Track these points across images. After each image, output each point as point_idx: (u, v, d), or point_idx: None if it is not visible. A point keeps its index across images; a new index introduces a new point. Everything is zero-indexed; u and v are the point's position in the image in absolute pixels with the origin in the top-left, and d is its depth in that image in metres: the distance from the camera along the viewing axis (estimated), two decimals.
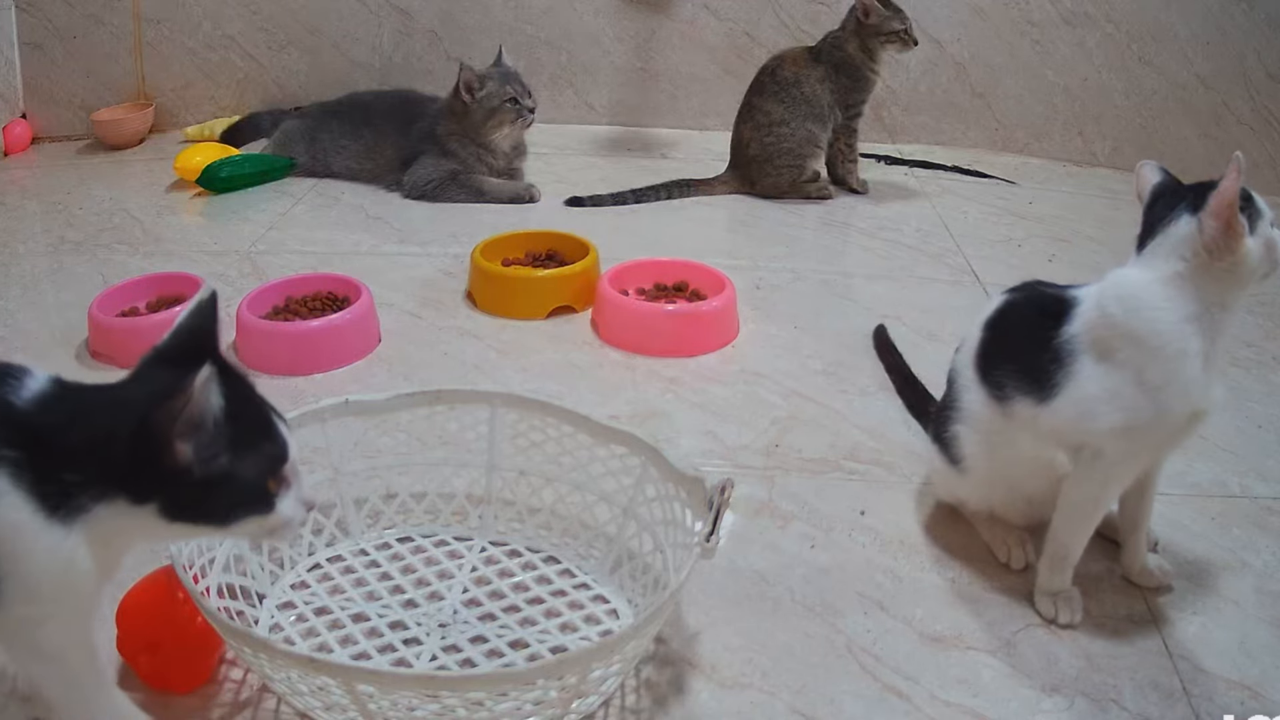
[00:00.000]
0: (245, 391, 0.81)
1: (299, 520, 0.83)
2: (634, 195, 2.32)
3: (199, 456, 0.75)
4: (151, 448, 0.74)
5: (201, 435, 0.74)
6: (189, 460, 0.74)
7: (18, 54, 2.73)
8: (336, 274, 1.77)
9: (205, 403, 0.73)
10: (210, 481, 0.76)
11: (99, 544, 0.77)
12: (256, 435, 0.80)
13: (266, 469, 0.80)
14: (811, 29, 2.62)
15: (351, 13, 2.78)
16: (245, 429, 0.78)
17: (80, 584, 0.79)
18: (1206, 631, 1.09)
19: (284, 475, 0.82)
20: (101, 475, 0.75)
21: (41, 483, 0.74)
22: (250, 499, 0.80)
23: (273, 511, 0.81)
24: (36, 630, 0.79)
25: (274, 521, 0.81)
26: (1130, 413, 1.00)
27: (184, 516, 0.78)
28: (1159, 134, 2.62)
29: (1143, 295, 1.00)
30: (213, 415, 0.74)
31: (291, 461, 0.82)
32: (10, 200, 2.38)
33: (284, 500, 0.81)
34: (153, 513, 0.76)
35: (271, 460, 0.81)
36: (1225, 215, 0.96)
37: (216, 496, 0.78)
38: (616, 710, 0.98)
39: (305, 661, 0.86)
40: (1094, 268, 1.10)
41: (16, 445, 0.74)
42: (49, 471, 0.74)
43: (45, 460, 0.75)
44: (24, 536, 0.74)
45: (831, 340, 1.71)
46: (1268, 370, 1.65)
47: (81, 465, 0.75)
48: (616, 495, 1.17)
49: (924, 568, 1.19)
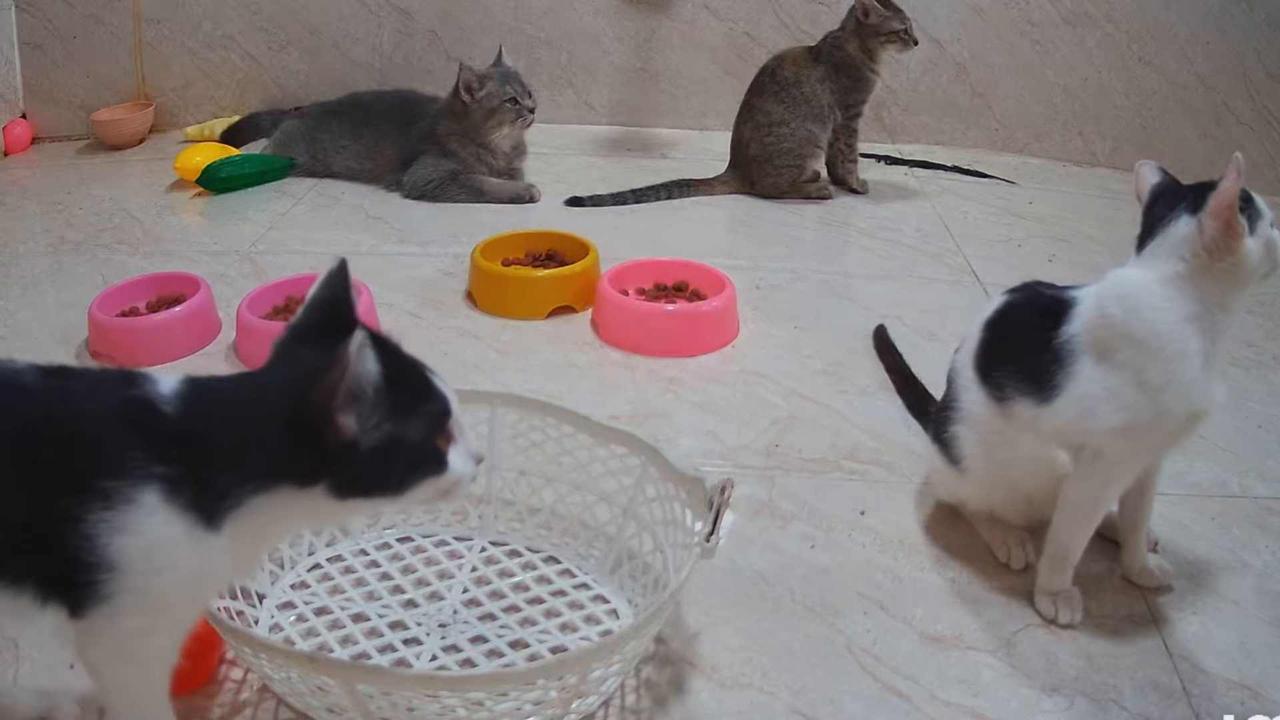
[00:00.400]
0: (396, 353, 0.78)
1: (471, 475, 0.81)
2: (634, 195, 2.32)
3: (363, 427, 0.72)
4: (313, 427, 0.71)
5: (363, 405, 0.72)
6: (354, 433, 0.72)
7: (18, 54, 2.73)
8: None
9: (363, 371, 0.71)
10: (379, 451, 0.73)
11: (249, 540, 0.75)
12: (417, 395, 0.77)
13: (433, 428, 0.77)
14: (811, 29, 2.62)
15: (351, 13, 2.78)
16: (404, 391, 0.75)
17: (210, 591, 0.77)
18: (1206, 631, 1.09)
19: (449, 431, 0.79)
20: (259, 468, 0.73)
21: (194, 492, 0.72)
22: (422, 461, 0.77)
23: (446, 470, 0.78)
24: (142, 640, 0.76)
25: (448, 481, 0.79)
26: (1130, 413, 1.00)
27: (356, 492, 0.75)
28: (1159, 134, 2.62)
29: (1142, 296, 1.00)
30: (371, 382, 0.72)
31: (455, 416, 0.80)
32: (10, 200, 2.38)
33: (454, 456, 0.79)
34: (322, 494, 0.74)
35: (436, 418, 0.78)
36: (1225, 216, 0.96)
37: (388, 465, 0.75)
38: (616, 710, 0.98)
39: (305, 661, 0.86)
40: (1094, 268, 1.10)
41: (169, 459, 0.72)
42: (201, 479, 0.72)
43: (197, 467, 0.72)
44: (171, 552, 0.72)
45: (831, 340, 1.71)
46: (1268, 370, 1.65)
47: (236, 463, 0.73)
48: (616, 495, 1.17)
49: (924, 568, 1.19)
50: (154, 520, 0.71)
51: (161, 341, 1.61)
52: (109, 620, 0.73)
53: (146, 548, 0.71)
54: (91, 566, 0.70)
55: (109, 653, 0.76)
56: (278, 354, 0.78)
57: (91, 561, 0.70)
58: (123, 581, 0.71)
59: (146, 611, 0.73)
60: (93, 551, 0.70)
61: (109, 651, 0.76)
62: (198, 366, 1.60)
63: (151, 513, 0.71)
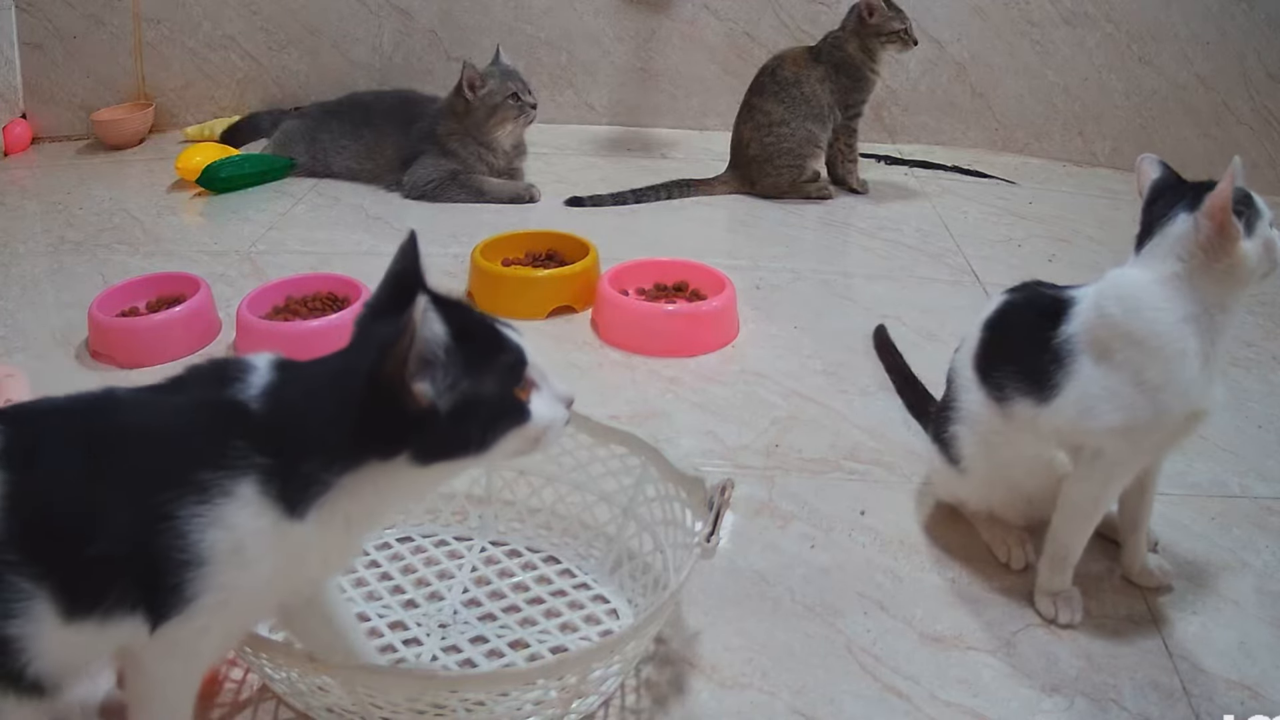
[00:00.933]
0: (463, 311, 0.77)
1: (561, 419, 0.81)
2: (634, 195, 2.32)
3: (439, 390, 0.72)
4: (390, 399, 0.71)
5: (435, 369, 0.72)
6: (430, 398, 0.72)
7: (18, 54, 2.73)
8: (336, 274, 1.77)
9: (430, 334, 0.71)
10: (458, 411, 0.73)
11: (336, 528, 0.75)
12: (489, 349, 0.77)
13: (509, 378, 0.77)
14: (811, 29, 2.62)
15: (351, 13, 2.78)
16: (476, 347, 0.75)
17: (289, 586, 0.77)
18: (1206, 631, 1.09)
19: (529, 380, 0.79)
20: (343, 448, 0.73)
21: (282, 482, 0.72)
22: (503, 414, 0.77)
23: (530, 419, 0.77)
24: (201, 639, 0.76)
25: (534, 429, 0.78)
26: (1129, 412, 1.00)
27: (441, 455, 0.75)
28: (1159, 134, 2.61)
29: (1141, 295, 1.00)
30: (441, 344, 0.72)
31: (533, 363, 0.79)
32: (10, 200, 2.38)
33: (538, 404, 0.78)
34: (406, 464, 0.74)
35: (511, 368, 0.77)
36: (1219, 217, 0.96)
37: (469, 424, 0.74)
38: (616, 710, 0.98)
39: (305, 661, 0.86)
40: (1094, 268, 1.10)
41: (265, 450, 0.72)
42: (289, 467, 0.73)
43: (287, 456, 0.73)
44: (258, 543, 0.72)
45: (831, 340, 1.71)
46: (1268, 370, 1.65)
47: (321, 447, 0.73)
48: (616, 495, 1.17)
49: (924, 568, 1.19)
50: (247, 512, 0.72)
51: (161, 341, 1.61)
52: (186, 623, 0.73)
53: (238, 540, 0.72)
54: (183, 566, 0.71)
55: (163, 650, 0.76)
56: (357, 333, 0.79)
57: (183, 560, 0.71)
58: (210, 579, 0.72)
59: (220, 609, 0.74)
60: (186, 549, 0.71)
61: (163, 649, 0.76)
62: None
63: (246, 504, 0.71)
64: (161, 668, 0.77)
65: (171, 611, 0.72)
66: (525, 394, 0.78)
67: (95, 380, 1.56)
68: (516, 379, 0.78)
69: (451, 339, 0.72)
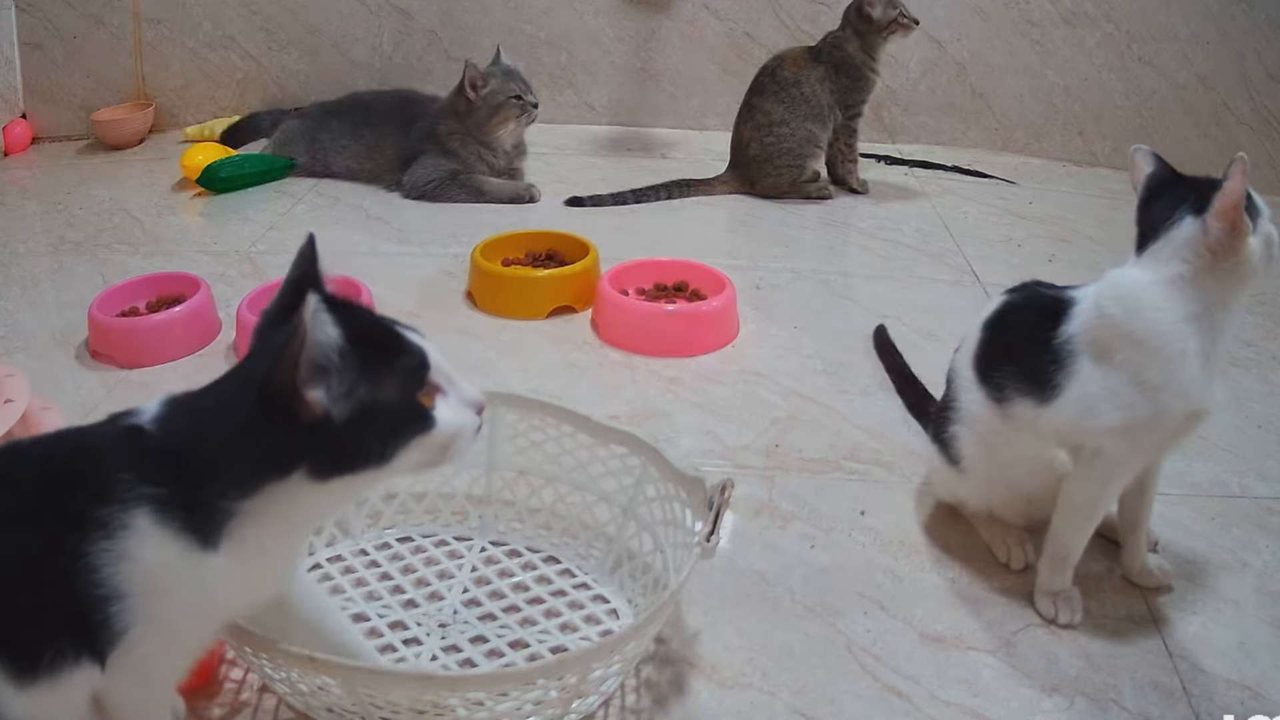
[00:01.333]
0: (360, 314, 0.74)
1: (470, 425, 0.76)
2: (634, 195, 2.32)
3: (333, 398, 0.68)
4: (282, 410, 0.67)
5: (329, 375, 0.68)
6: (325, 406, 0.68)
7: (18, 54, 2.73)
8: (336, 274, 1.76)
9: (322, 337, 0.67)
10: (356, 421, 0.69)
11: (253, 553, 0.72)
12: (387, 352, 0.72)
13: (411, 383, 0.73)
14: (811, 29, 2.62)
15: (351, 13, 2.78)
16: (373, 351, 0.71)
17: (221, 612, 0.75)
18: (1206, 631, 1.09)
19: (434, 384, 0.74)
20: (242, 469, 0.70)
21: (186, 510, 0.70)
22: (405, 422, 0.72)
23: (435, 427, 0.73)
24: (157, 662, 0.75)
25: (440, 437, 0.74)
26: (1129, 412, 1.00)
27: (340, 468, 0.71)
28: (1159, 134, 2.61)
29: (1142, 296, 1.00)
30: (334, 348, 0.68)
31: (437, 367, 0.75)
32: (10, 200, 2.38)
33: (444, 410, 0.74)
34: (305, 481, 0.70)
35: (412, 372, 0.73)
36: (1231, 216, 0.96)
37: (368, 433, 0.70)
38: (616, 710, 0.98)
39: (305, 661, 0.86)
40: (1094, 268, 1.10)
41: (154, 480, 0.70)
42: (189, 497, 0.70)
43: (184, 484, 0.70)
44: (170, 574, 0.70)
45: (831, 340, 1.71)
46: (1268, 370, 1.65)
47: (219, 471, 0.70)
48: (616, 495, 1.17)
49: (924, 568, 1.19)
50: (148, 545, 0.69)
51: (161, 341, 1.61)
52: (128, 653, 0.72)
53: (148, 572, 0.70)
54: (104, 601, 0.70)
55: (119, 683, 0.75)
56: (254, 345, 0.75)
57: (103, 595, 0.69)
58: (134, 610, 0.71)
59: (160, 636, 0.73)
60: (101, 584, 0.69)
61: (120, 682, 0.75)
62: (197, 366, 1.60)
63: (145, 537, 0.69)
64: (125, 696, 0.77)
65: (108, 646, 0.71)
66: (430, 400, 0.74)
67: (95, 380, 1.56)
68: (419, 383, 0.74)
69: (346, 342, 0.68)
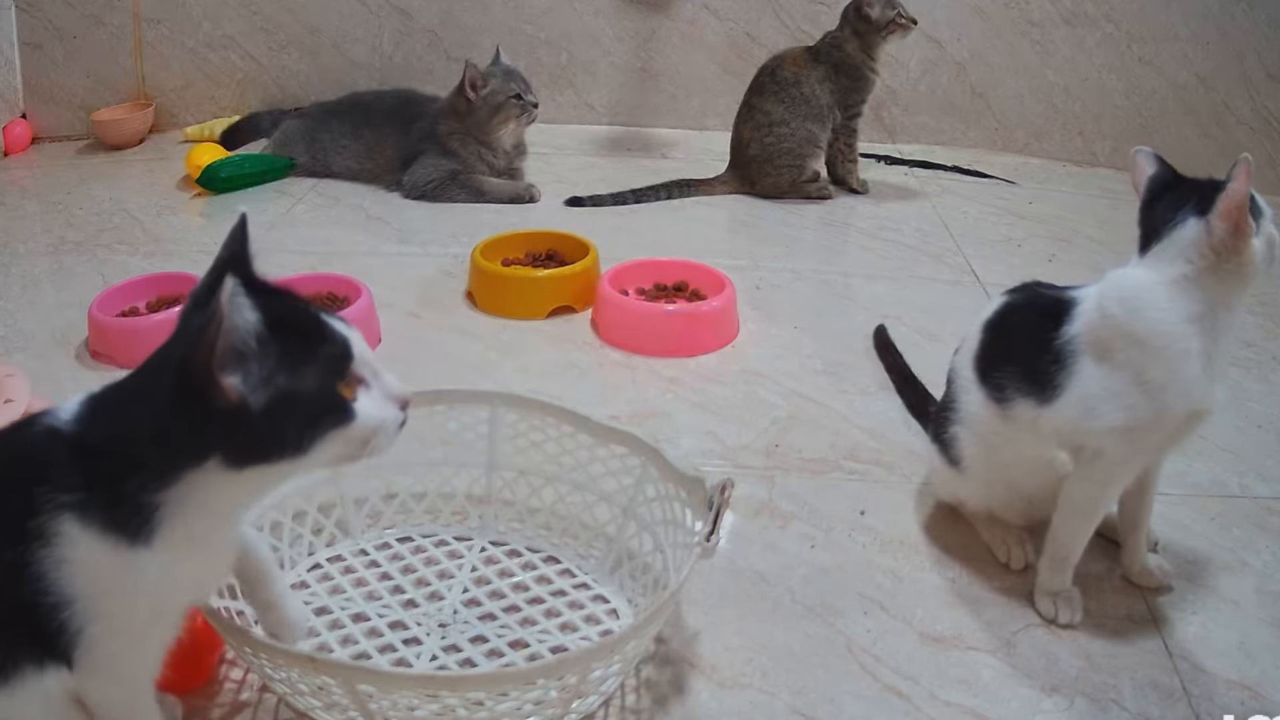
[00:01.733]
0: (283, 299, 0.72)
1: (393, 420, 0.74)
2: (634, 195, 2.32)
3: (251, 384, 0.66)
4: (198, 395, 0.66)
5: (247, 361, 0.66)
6: (241, 392, 0.66)
7: (18, 54, 2.73)
8: (336, 274, 1.77)
9: (240, 322, 0.65)
10: (273, 409, 0.67)
11: (186, 545, 0.72)
12: (309, 340, 0.71)
13: (332, 373, 0.71)
14: (811, 29, 2.62)
15: (351, 13, 2.78)
16: (294, 338, 0.69)
17: (173, 605, 0.75)
18: (1206, 631, 1.09)
19: (356, 376, 0.73)
20: (162, 459, 0.69)
21: (109, 509, 0.69)
22: (323, 412, 0.70)
23: (355, 419, 0.71)
24: (124, 660, 0.75)
25: (360, 430, 0.72)
26: (1131, 412, 1.00)
27: (254, 457, 0.69)
28: (1159, 134, 2.61)
29: (1145, 296, 1.00)
30: (252, 333, 0.66)
31: (360, 358, 0.73)
32: (10, 200, 2.38)
33: (366, 403, 0.72)
34: (221, 470, 0.69)
35: (333, 362, 0.71)
36: (1235, 217, 0.96)
37: (285, 423, 0.68)
38: (616, 710, 0.98)
39: (305, 661, 0.86)
40: (1094, 268, 1.10)
41: (74, 486, 0.69)
42: (112, 492, 0.69)
43: (106, 481, 0.69)
44: (108, 574, 0.70)
45: (831, 340, 1.71)
46: (1268, 370, 1.65)
47: (138, 463, 0.69)
48: (616, 495, 1.17)
49: (924, 568, 1.19)
50: (81, 548, 0.69)
51: (161, 341, 1.61)
52: (90, 652, 0.72)
53: (89, 573, 0.70)
54: (55, 607, 0.70)
55: (93, 684, 0.76)
56: (177, 328, 0.74)
57: (53, 601, 0.70)
58: (85, 611, 0.71)
59: (117, 634, 0.73)
60: (48, 591, 0.69)
61: (93, 683, 0.75)
62: None
63: (75, 541, 0.69)
64: (104, 697, 0.77)
65: (69, 648, 0.72)
66: (351, 392, 0.72)
67: (95, 380, 1.55)
68: (339, 374, 0.72)
69: (266, 328, 0.67)
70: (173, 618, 0.78)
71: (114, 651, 0.74)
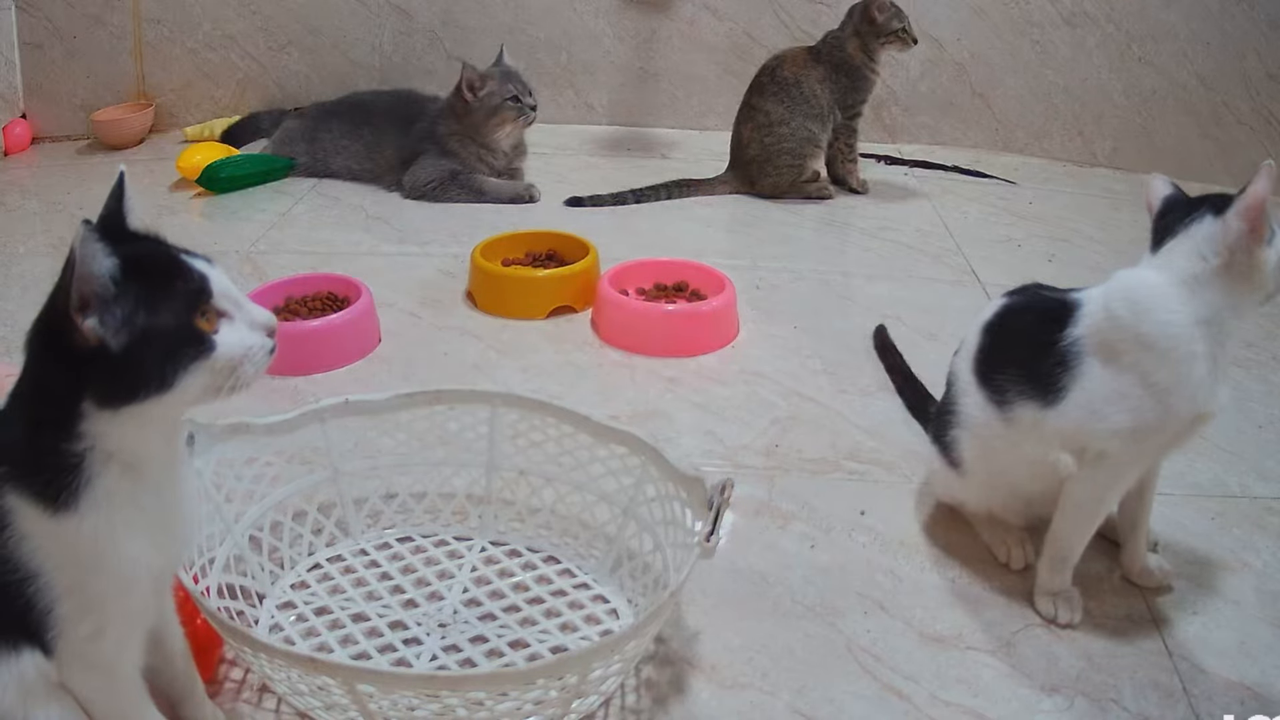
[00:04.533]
0: (142, 243, 0.76)
1: (258, 347, 0.76)
2: (634, 195, 2.32)
3: (109, 326, 0.69)
4: (64, 342, 0.69)
5: (105, 305, 0.69)
6: (100, 335, 0.69)
7: (18, 54, 2.73)
8: (336, 274, 1.77)
9: (95, 267, 0.68)
10: (134, 348, 0.70)
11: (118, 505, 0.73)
12: (166, 279, 0.73)
13: (186, 307, 0.73)
14: (811, 29, 2.62)
15: (351, 13, 2.78)
16: (151, 278, 0.72)
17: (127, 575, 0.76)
18: (1206, 631, 1.09)
19: (216, 309, 0.75)
20: (41, 408, 0.72)
21: (31, 476, 0.72)
22: (180, 346, 0.72)
23: (215, 350, 0.73)
24: (97, 643, 0.76)
25: (223, 360, 0.73)
26: (1137, 415, 1.00)
27: (124, 397, 0.71)
28: (1159, 134, 2.61)
29: (1153, 298, 1.00)
30: (106, 275, 0.69)
31: (221, 293, 0.75)
32: (10, 200, 2.37)
33: (228, 333, 0.74)
34: (101, 414, 0.71)
35: (189, 296, 0.73)
36: (1253, 216, 0.96)
37: (146, 360, 0.71)
38: (616, 710, 0.98)
39: (305, 661, 0.86)
40: (1094, 268, 1.10)
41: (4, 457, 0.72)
42: (27, 458, 0.72)
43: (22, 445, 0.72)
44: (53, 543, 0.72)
45: (831, 340, 1.71)
46: (1268, 370, 1.65)
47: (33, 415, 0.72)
48: (616, 495, 1.17)
49: (924, 568, 1.19)
50: (26, 522, 0.72)
51: None
52: (63, 634, 0.74)
53: (41, 546, 0.72)
54: (23, 583, 0.73)
55: (73, 672, 0.77)
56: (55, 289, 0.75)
57: (20, 578, 0.73)
58: (50, 586, 0.73)
59: (85, 611, 0.75)
60: (17, 568, 0.72)
61: (73, 671, 0.77)
62: None
63: (18, 514, 0.72)
64: (86, 687, 0.79)
65: (42, 629, 0.74)
66: (212, 324, 0.74)
67: None
68: (195, 306, 0.73)
69: (120, 271, 0.69)
70: (139, 595, 0.79)
71: (88, 635, 0.76)
